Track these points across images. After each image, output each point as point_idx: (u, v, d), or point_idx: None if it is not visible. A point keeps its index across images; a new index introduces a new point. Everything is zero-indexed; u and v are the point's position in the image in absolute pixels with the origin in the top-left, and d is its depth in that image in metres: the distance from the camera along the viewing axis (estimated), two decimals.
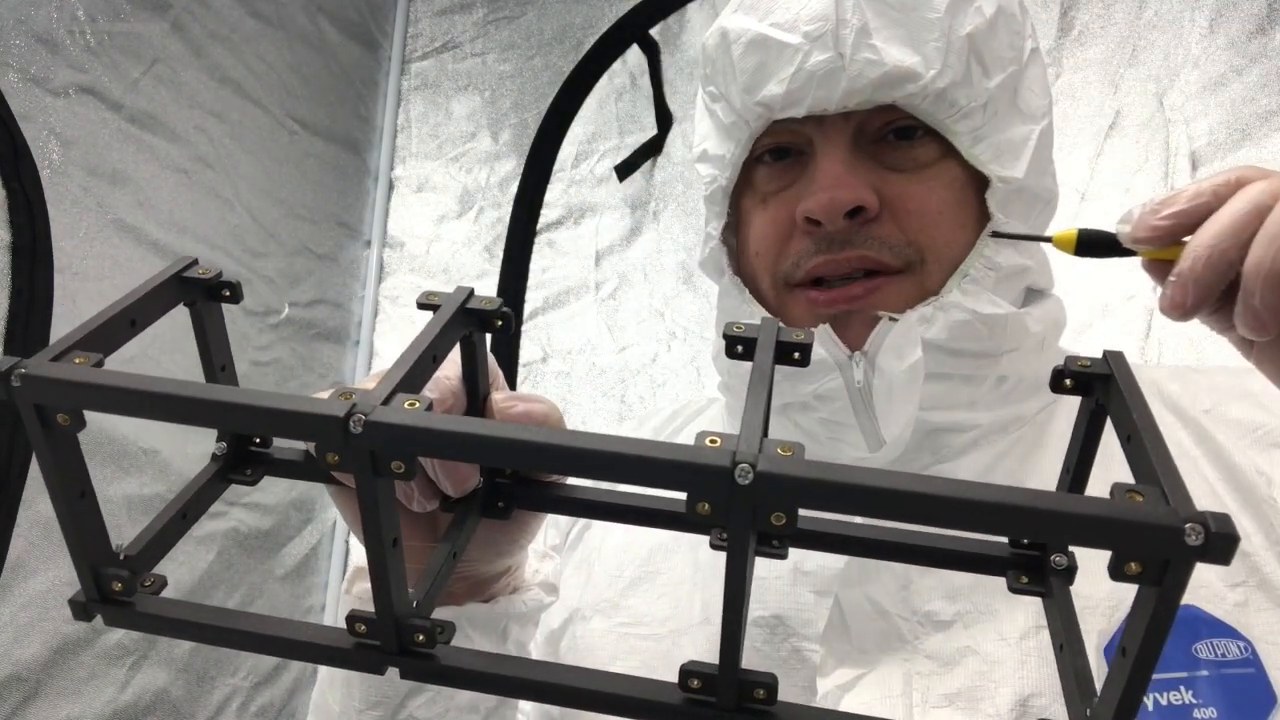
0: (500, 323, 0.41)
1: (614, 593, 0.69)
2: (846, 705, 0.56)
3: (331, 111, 1.77)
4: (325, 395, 0.32)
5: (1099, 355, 0.37)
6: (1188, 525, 0.26)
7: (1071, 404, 0.67)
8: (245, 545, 1.51)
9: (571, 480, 0.46)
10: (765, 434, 0.33)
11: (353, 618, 0.35)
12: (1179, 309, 0.43)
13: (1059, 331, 0.68)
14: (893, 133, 0.63)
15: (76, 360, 0.33)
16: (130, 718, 1.27)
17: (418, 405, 0.31)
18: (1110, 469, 0.54)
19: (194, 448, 1.38)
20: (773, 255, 0.66)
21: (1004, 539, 0.41)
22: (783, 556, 0.40)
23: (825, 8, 0.61)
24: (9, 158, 1.14)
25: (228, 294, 0.41)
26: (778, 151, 0.66)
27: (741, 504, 0.28)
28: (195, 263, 0.40)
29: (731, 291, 0.69)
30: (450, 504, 0.44)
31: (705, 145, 0.71)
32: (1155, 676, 0.53)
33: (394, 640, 0.34)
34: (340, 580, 1.71)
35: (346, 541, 1.73)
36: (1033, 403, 0.66)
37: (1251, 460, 0.60)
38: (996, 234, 0.57)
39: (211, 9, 1.48)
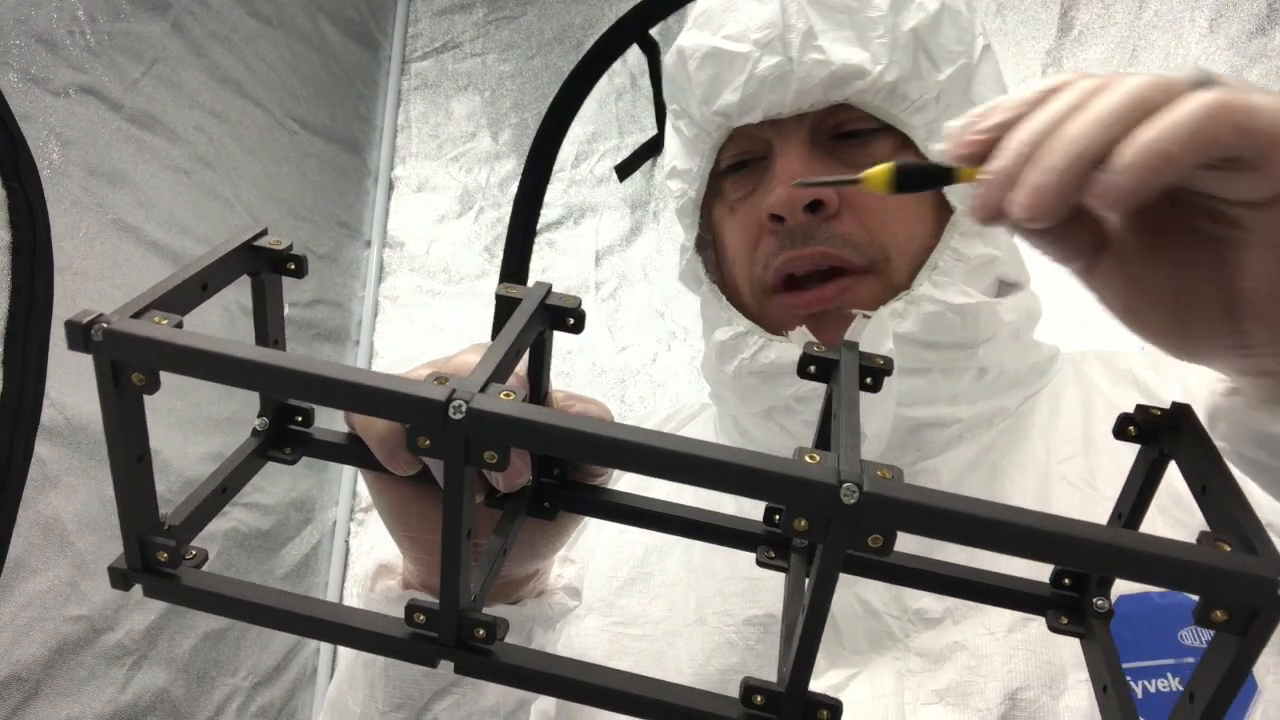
0: (573, 321, 0.40)
1: (608, 592, 0.69)
2: None
3: (331, 111, 1.76)
4: (420, 376, 0.31)
5: (1168, 406, 0.37)
6: None
7: (1051, 393, 0.67)
8: (245, 545, 1.50)
9: (614, 484, 0.46)
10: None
11: (413, 607, 0.34)
12: (988, 209, 0.36)
13: (1033, 321, 0.69)
14: (849, 131, 0.64)
15: (156, 320, 0.32)
16: (130, 718, 1.26)
17: (513, 396, 0.30)
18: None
19: (194, 448, 1.37)
20: (746, 261, 0.67)
21: (1045, 580, 0.41)
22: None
23: (772, 16, 0.63)
24: (9, 158, 1.14)
25: (293, 267, 0.40)
26: (741, 160, 0.68)
27: (843, 523, 0.28)
28: (265, 232, 0.39)
29: (710, 300, 0.70)
30: (493, 501, 0.44)
31: (674, 162, 0.72)
32: (1144, 664, 0.53)
33: (453, 634, 0.34)
34: (340, 581, 1.70)
35: (346, 541, 1.72)
36: (1014, 394, 0.67)
37: None
38: (803, 183, 0.54)
39: (211, 9, 1.48)
